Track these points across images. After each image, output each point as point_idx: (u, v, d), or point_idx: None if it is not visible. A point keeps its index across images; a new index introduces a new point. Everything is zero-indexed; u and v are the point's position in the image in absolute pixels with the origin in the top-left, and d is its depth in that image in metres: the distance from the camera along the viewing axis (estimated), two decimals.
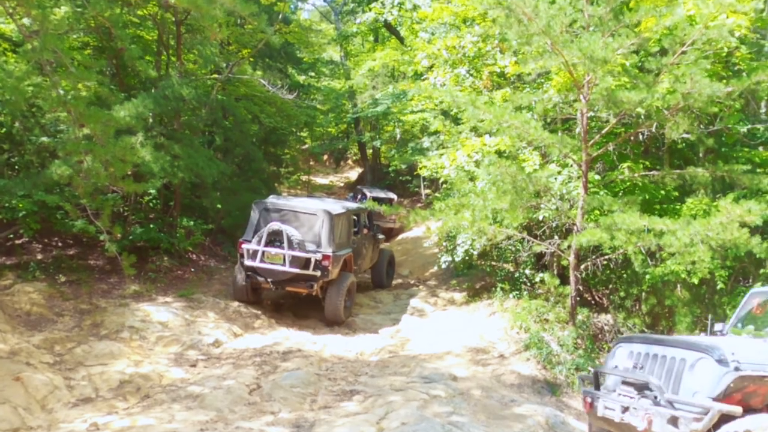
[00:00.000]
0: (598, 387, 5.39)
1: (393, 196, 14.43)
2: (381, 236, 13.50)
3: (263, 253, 9.74)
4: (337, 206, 10.77)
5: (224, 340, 9.00)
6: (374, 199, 13.47)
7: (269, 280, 9.90)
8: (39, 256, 10.65)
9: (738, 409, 4.37)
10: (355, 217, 11.54)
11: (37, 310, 8.83)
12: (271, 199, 10.74)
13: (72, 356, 7.64)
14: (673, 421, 4.46)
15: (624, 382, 5.02)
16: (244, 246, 9.92)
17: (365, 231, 12.18)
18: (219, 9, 6.62)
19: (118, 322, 8.89)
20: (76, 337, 8.28)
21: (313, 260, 9.61)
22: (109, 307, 9.48)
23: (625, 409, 4.81)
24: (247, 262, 9.82)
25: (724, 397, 4.42)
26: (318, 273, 9.71)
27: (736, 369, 4.52)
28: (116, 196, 10.75)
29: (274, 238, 9.77)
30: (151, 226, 11.62)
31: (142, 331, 8.76)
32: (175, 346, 8.53)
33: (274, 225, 9.73)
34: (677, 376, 4.77)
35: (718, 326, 5.52)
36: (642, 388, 4.87)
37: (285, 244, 9.60)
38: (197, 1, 6.06)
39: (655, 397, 4.73)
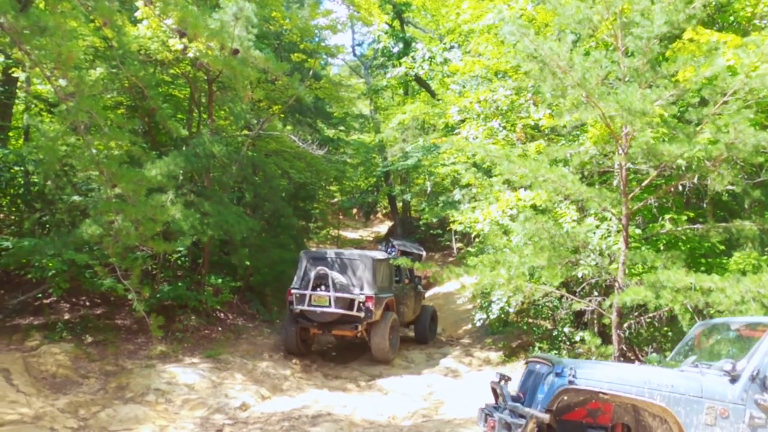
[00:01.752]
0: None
1: (422, 252, 14.76)
2: (423, 290, 14.20)
3: (310, 296, 10.65)
4: (378, 253, 11.88)
5: (252, 403, 8.91)
6: (403, 252, 13.89)
7: (316, 320, 10.75)
8: (66, 316, 10.82)
9: (545, 416, 4.82)
10: (396, 266, 12.25)
11: (63, 372, 8.91)
12: (315, 250, 12.28)
13: (96, 421, 7.63)
14: (507, 427, 5.02)
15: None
16: (293, 292, 10.88)
17: (406, 281, 12.94)
18: (252, 68, 6.84)
19: (143, 384, 8.90)
20: (101, 400, 8.29)
21: (356, 301, 10.55)
22: (135, 368, 9.51)
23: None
24: (296, 307, 10.74)
25: (552, 406, 4.93)
26: (362, 314, 10.58)
27: (570, 383, 4.91)
28: (145, 255, 10.94)
29: (321, 282, 10.68)
30: (179, 284, 11.76)
31: (167, 393, 8.74)
32: (201, 409, 8.47)
33: (321, 270, 10.70)
34: (534, 388, 5.28)
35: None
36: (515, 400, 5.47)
37: (330, 287, 10.54)
38: (231, 62, 6.30)
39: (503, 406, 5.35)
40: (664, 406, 4.76)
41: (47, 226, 11.16)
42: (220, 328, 12.09)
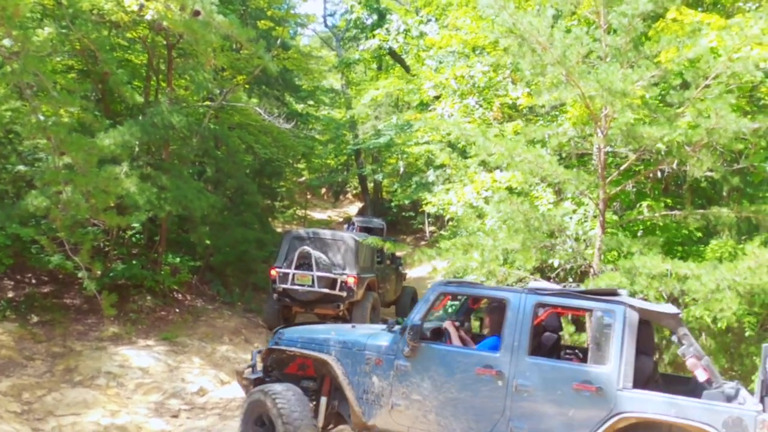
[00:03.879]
0: None
1: (383, 225, 15.18)
2: (405, 272, 14.67)
3: (293, 275, 11.02)
4: (361, 235, 12.35)
5: (210, 388, 8.87)
6: (362, 228, 14.23)
7: (299, 299, 11.19)
8: (10, 294, 10.59)
9: (246, 370, 6.40)
10: (379, 248, 12.59)
11: (6, 353, 8.73)
12: (299, 230, 13.27)
13: (42, 405, 7.52)
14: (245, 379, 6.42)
15: None
16: (276, 270, 11.28)
17: (388, 262, 13.39)
18: (215, 34, 6.68)
19: (93, 367, 8.79)
20: (47, 383, 8.16)
21: (339, 281, 10.98)
22: (85, 350, 9.39)
23: None
24: (279, 285, 11.15)
25: (265, 362, 6.33)
26: (344, 294, 11.07)
27: (276, 344, 6.24)
28: (97, 230, 10.74)
29: (303, 262, 11.10)
30: (134, 262, 11.60)
31: (120, 377, 8.66)
32: (156, 394, 8.41)
33: (304, 249, 11.12)
34: None
35: None
36: None
37: (313, 267, 10.95)
38: (192, 25, 6.14)
39: None
40: (331, 359, 5.82)
41: None
42: (177, 310, 11.97)
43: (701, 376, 5.06)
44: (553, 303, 5.61)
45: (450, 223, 14.26)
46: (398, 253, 13.59)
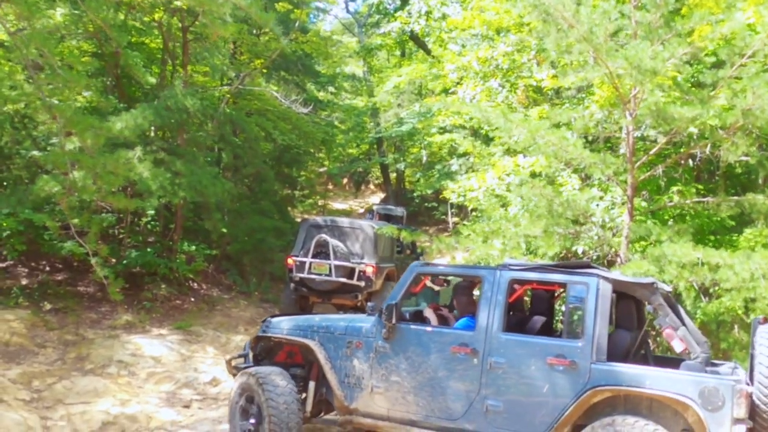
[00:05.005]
0: None
1: (402, 211, 15.10)
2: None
3: (310, 264, 10.91)
4: (380, 224, 12.13)
5: (223, 379, 8.82)
6: (382, 215, 14.09)
7: (316, 289, 11.09)
8: (24, 281, 10.70)
9: (239, 360, 6.57)
10: (398, 237, 12.39)
11: (17, 341, 8.81)
12: (316, 218, 13.17)
13: (51, 393, 7.57)
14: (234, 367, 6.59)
15: None
16: (292, 259, 11.17)
17: (408, 252, 13.33)
18: (226, 6, 6.59)
19: (105, 355, 8.85)
20: (58, 371, 8.22)
21: (357, 270, 10.84)
22: (97, 338, 9.45)
23: None
24: (296, 274, 11.03)
25: (254, 351, 6.47)
26: (362, 283, 10.92)
27: (263, 332, 6.44)
28: (111, 216, 10.79)
29: (321, 251, 10.96)
30: (148, 249, 11.64)
31: (131, 366, 8.70)
32: (168, 383, 8.43)
33: (321, 237, 10.97)
34: None
35: None
36: None
37: (331, 255, 10.79)
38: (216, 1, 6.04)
39: None
40: (314, 344, 5.98)
41: (4, 183, 10.95)
42: (192, 299, 12.02)
43: (678, 347, 5.01)
44: (527, 279, 5.61)
45: (473, 213, 14.09)
46: (419, 243, 13.41)
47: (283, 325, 6.39)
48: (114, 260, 10.99)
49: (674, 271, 6.54)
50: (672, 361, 5.54)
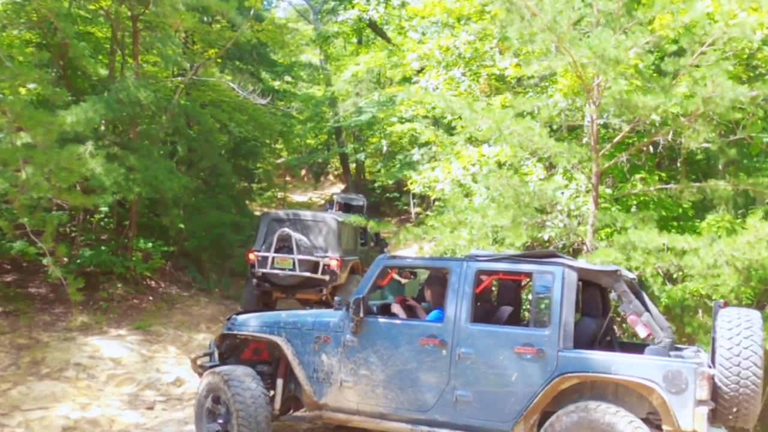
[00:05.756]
0: None
1: (362, 199, 15.19)
2: (390, 253, 14.05)
3: (273, 259, 10.82)
4: (344, 215, 12.08)
5: (187, 379, 8.76)
6: (342, 205, 14.12)
7: (280, 284, 10.99)
8: None
9: (204, 358, 6.60)
10: (362, 229, 12.56)
11: None
12: (277, 211, 12.95)
13: (7, 399, 7.41)
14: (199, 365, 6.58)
15: None
16: (254, 254, 11.07)
17: (372, 244, 13.28)
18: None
19: (62, 358, 8.69)
20: (12, 376, 8.04)
21: (321, 264, 10.79)
22: (52, 341, 9.27)
23: None
24: (258, 270, 10.94)
25: (220, 348, 6.44)
26: (327, 277, 10.87)
27: (228, 329, 6.42)
28: (62, 214, 10.54)
29: (284, 245, 10.89)
30: (103, 248, 11.43)
31: (90, 368, 8.57)
32: (130, 385, 8.33)
33: (284, 231, 10.87)
34: None
35: None
36: None
37: (294, 250, 10.73)
38: None
39: None
40: (281, 340, 6.00)
41: None
42: (150, 297, 11.85)
43: (641, 332, 5.20)
44: (494, 269, 5.75)
45: (436, 203, 14.22)
46: (382, 234, 13.49)
47: (249, 322, 6.41)
48: (66, 260, 10.75)
49: (640, 257, 6.75)
50: (637, 346, 5.73)
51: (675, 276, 7.71)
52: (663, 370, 4.70)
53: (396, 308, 6.21)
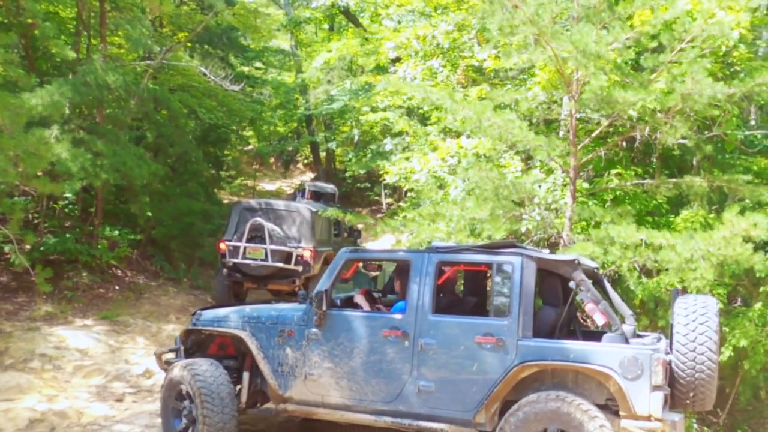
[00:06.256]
0: None
1: (334, 189, 15.20)
2: (363, 245, 14.64)
3: (245, 249, 10.74)
4: (317, 205, 12.14)
5: (156, 370, 8.62)
6: (313, 193, 14.12)
7: (251, 274, 10.90)
8: None
9: (168, 353, 6.69)
10: (336, 220, 12.46)
11: None
12: (249, 200, 12.92)
13: None
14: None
15: None
16: (225, 243, 10.97)
17: (345, 235, 13.26)
18: None
19: (26, 349, 8.53)
20: None
21: (294, 254, 10.74)
22: (16, 331, 9.08)
23: None
24: (229, 260, 10.85)
25: (185, 345, 6.49)
26: (300, 268, 10.80)
27: (193, 325, 6.48)
28: (25, 200, 10.30)
29: (256, 234, 10.81)
30: (67, 235, 11.21)
31: (56, 359, 8.43)
32: (98, 377, 8.22)
33: (256, 221, 10.80)
34: None
35: None
36: None
37: (266, 239, 10.66)
38: None
39: None
40: (246, 334, 6.06)
41: None
42: (117, 287, 11.67)
43: (599, 320, 5.34)
44: (455, 260, 5.86)
45: (409, 194, 14.26)
46: (359, 226, 13.50)
47: (214, 317, 6.46)
48: (29, 247, 10.51)
49: (618, 252, 6.90)
50: (600, 335, 5.86)
51: (651, 270, 7.90)
52: (619, 357, 4.83)
53: (359, 299, 6.31)
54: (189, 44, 15.79)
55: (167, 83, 14.70)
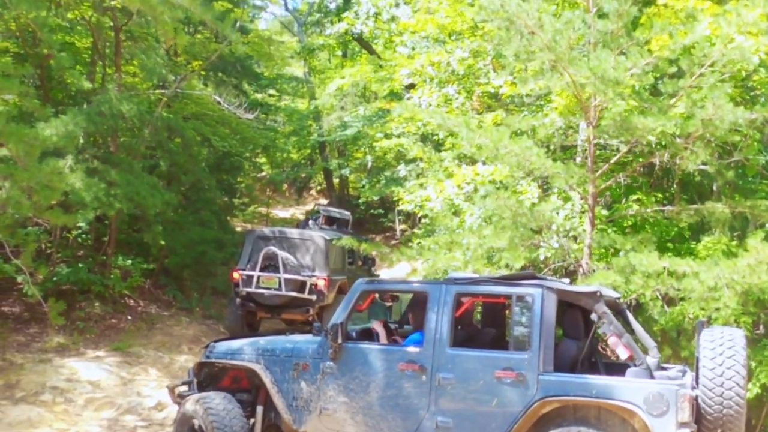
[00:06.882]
0: None
1: (348, 214, 15.18)
2: (378, 273, 14.64)
3: (258, 278, 10.74)
4: (330, 233, 12.18)
5: (168, 403, 8.55)
6: (328, 218, 14.09)
7: (265, 304, 10.87)
8: None
9: (181, 386, 6.53)
10: (350, 248, 12.40)
11: None
12: (263, 229, 13.01)
13: None
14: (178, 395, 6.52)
15: None
16: (238, 272, 10.97)
17: (360, 263, 13.16)
18: (176, 12, 6.46)
19: (38, 381, 8.50)
20: None
21: (308, 283, 10.70)
22: (27, 363, 9.07)
23: None
24: (242, 289, 10.86)
25: (198, 377, 6.42)
26: (314, 297, 10.77)
27: (207, 357, 6.42)
28: (38, 230, 10.36)
29: (269, 263, 10.79)
30: (80, 265, 11.22)
31: (67, 392, 8.39)
32: (109, 410, 8.18)
33: (270, 249, 10.81)
34: None
35: None
36: None
37: (280, 268, 10.63)
38: (151, 2, 5.92)
39: None
40: (260, 368, 5.99)
41: None
42: (129, 317, 11.65)
43: (623, 354, 5.23)
44: (473, 292, 5.79)
45: (423, 220, 14.21)
46: (373, 254, 13.48)
47: (227, 350, 6.40)
48: (42, 277, 10.54)
49: (640, 280, 6.80)
50: (623, 367, 5.75)
51: (673, 298, 7.78)
52: (644, 393, 4.73)
53: (378, 328, 6.26)
54: (203, 72, 15.96)
55: (181, 111, 14.83)
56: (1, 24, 10.79)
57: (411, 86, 12.72)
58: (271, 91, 22.71)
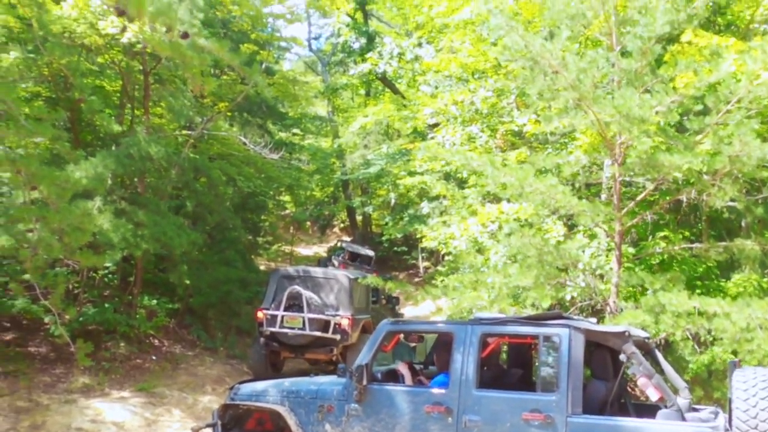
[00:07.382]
0: None
1: (371, 252, 15.18)
2: (402, 311, 14.74)
3: (282, 318, 10.80)
4: (354, 272, 12.14)
5: None
6: (351, 253, 14.12)
7: (289, 343, 10.92)
8: None
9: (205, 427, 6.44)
10: (374, 287, 12.46)
11: None
12: (287, 268, 13.12)
13: None
14: None
15: None
16: (262, 312, 11.05)
17: (383, 302, 13.22)
18: (204, 58, 6.65)
19: (63, 422, 8.53)
20: None
21: (332, 323, 10.72)
22: (53, 404, 9.12)
23: None
24: (266, 328, 10.91)
25: (222, 419, 6.35)
26: (338, 337, 10.80)
27: (232, 399, 6.41)
28: (66, 270, 10.53)
29: (293, 303, 10.87)
30: (106, 305, 11.34)
31: None
32: None
33: (294, 289, 10.89)
34: None
35: None
36: None
37: (304, 308, 10.72)
38: (180, 48, 6.12)
39: None
40: (284, 410, 6.00)
41: None
42: (154, 357, 11.70)
43: (653, 395, 5.14)
44: (499, 332, 5.74)
45: (446, 258, 14.19)
46: (397, 292, 13.49)
47: (252, 391, 6.42)
48: (68, 317, 10.68)
49: (670, 320, 6.70)
50: (653, 408, 5.67)
51: (704, 339, 7.65)
52: None
53: (403, 369, 6.23)
54: (229, 113, 16.27)
55: (207, 152, 15.10)
56: (34, 69, 11.14)
57: (435, 125, 12.83)
58: (296, 130, 23.03)
